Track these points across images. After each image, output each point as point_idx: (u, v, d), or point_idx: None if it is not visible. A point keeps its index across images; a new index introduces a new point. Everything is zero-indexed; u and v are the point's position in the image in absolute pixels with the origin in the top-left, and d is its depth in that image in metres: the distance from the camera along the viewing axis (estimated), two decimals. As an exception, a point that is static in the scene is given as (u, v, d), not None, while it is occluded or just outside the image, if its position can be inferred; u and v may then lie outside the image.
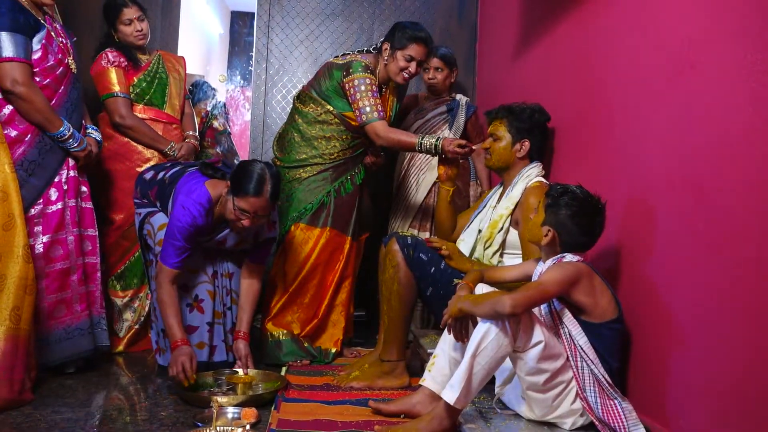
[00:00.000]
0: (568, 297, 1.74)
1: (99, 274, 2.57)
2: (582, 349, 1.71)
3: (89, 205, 2.57)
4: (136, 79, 2.98)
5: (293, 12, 3.90)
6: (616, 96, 2.03)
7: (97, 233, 2.59)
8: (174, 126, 3.09)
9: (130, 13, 2.96)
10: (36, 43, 2.34)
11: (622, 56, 2.00)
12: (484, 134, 3.34)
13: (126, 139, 2.93)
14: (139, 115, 2.97)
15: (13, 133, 2.29)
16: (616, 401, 1.68)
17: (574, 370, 1.73)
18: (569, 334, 1.74)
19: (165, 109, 3.06)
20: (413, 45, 2.77)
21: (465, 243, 2.42)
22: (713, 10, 1.54)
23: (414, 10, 3.92)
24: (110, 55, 2.92)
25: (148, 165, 2.92)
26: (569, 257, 1.80)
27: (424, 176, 3.24)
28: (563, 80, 2.49)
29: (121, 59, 2.94)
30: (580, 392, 1.72)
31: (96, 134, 2.60)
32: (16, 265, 2.07)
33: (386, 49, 2.82)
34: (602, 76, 2.14)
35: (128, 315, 2.92)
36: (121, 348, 2.86)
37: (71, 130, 2.42)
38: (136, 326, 2.91)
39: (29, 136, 2.32)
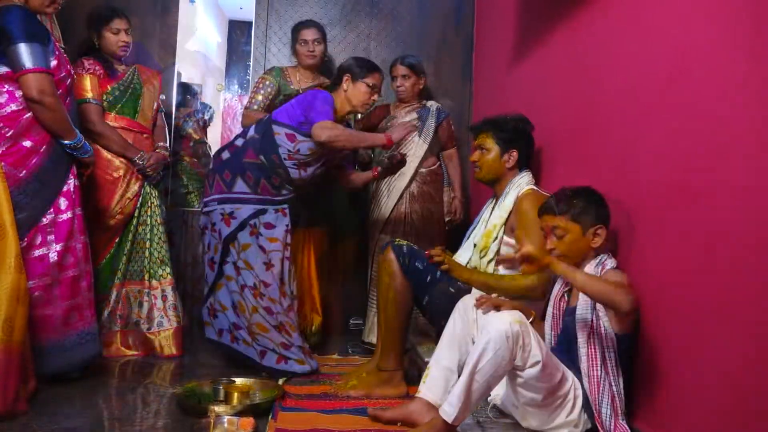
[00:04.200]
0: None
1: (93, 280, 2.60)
2: (612, 363, 1.69)
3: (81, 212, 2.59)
4: (109, 88, 3.00)
5: (291, 21, 3.90)
6: (613, 103, 2.04)
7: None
8: (145, 136, 3.10)
9: (120, 23, 3.01)
10: (50, 54, 2.36)
11: (619, 64, 2.01)
12: (454, 140, 3.46)
13: (95, 146, 2.89)
14: (111, 124, 2.98)
15: (29, 144, 2.32)
16: (623, 420, 1.67)
17: (591, 380, 1.70)
18: (603, 345, 1.71)
19: (137, 119, 3.07)
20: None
21: (462, 258, 2.43)
22: (709, 18, 1.55)
23: (411, 19, 3.94)
24: (86, 63, 2.95)
25: (116, 173, 2.95)
26: (610, 262, 1.79)
27: (394, 183, 3.27)
28: (560, 88, 2.50)
29: (97, 67, 2.96)
30: (595, 405, 1.69)
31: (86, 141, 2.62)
32: (8, 275, 2.06)
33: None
34: (599, 84, 2.15)
35: None
36: None
37: (83, 139, 2.48)
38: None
39: (44, 147, 2.35)
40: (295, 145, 2.71)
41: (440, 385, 1.99)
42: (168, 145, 3.22)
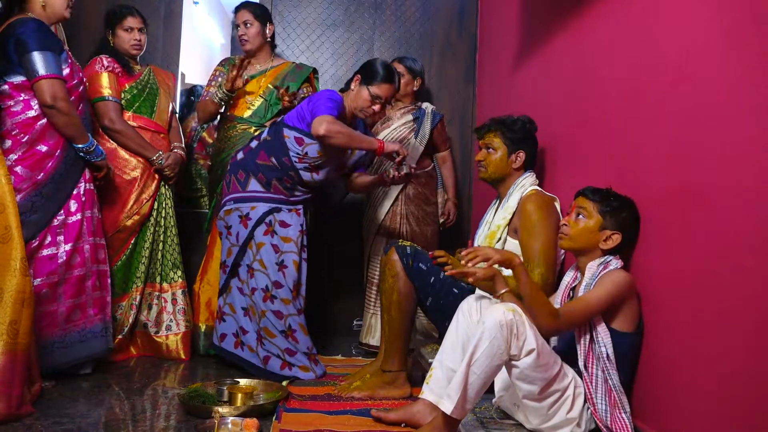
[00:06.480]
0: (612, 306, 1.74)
1: (109, 281, 2.65)
2: (608, 357, 1.70)
3: (100, 215, 2.66)
4: (127, 86, 3.00)
5: (294, 23, 3.92)
6: (616, 105, 2.04)
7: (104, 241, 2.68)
8: (161, 136, 3.09)
9: (133, 21, 3.01)
10: (63, 62, 2.44)
11: (621, 67, 2.01)
12: (447, 142, 3.48)
13: (112, 145, 2.91)
14: (129, 123, 2.97)
15: (44, 149, 2.42)
16: (624, 415, 1.68)
17: (586, 375, 1.72)
18: (597, 341, 1.72)
19: (153, 119, 3.07)
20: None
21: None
22: (710, 21, 1.55)
23: (414, 21, 3.94)
24: (105, 60, 2.93)
25: (134, 173, 2.95)
26: (614, 263, 1.80)
27: (390, 187, 3.27)
28: (563, 90, 2.50)
29: (115, 65, 2.95)
30: (590, 398, 1.71)
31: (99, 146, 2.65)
32: (13, 278, 2.06)
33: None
34: (601, 87, 2.15)
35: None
36: None
37: (95, 143, 2.55)
38: (120, 336, 2.88)
39: (59, 151, 2.44)
40: (303, 149, 2.70)
41: (443, 385, 1.99)
42: (183, 145, 3.21)
